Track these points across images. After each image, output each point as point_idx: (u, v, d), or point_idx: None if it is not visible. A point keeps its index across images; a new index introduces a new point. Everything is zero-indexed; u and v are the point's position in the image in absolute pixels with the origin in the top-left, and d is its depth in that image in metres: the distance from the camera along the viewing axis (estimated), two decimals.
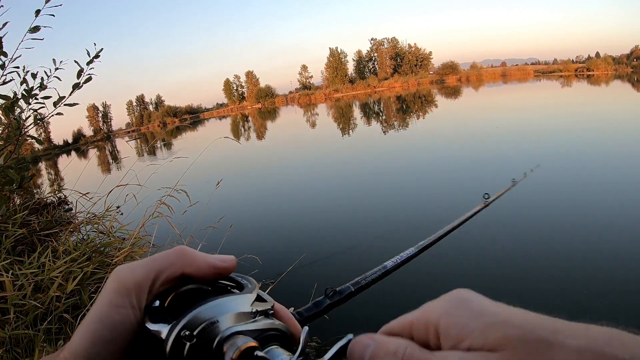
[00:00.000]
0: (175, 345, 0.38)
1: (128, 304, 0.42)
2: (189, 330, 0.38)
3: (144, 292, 0.43)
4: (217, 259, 0.48)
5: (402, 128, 21.02)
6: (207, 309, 0.40)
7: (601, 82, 45.71)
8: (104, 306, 0.42)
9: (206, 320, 0.39)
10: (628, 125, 13.63)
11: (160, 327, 0.40)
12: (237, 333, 0.40)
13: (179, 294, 0.44)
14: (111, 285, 0.43)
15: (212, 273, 0.47)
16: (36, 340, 2.48)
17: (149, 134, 65.17)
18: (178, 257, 0.46)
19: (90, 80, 4.18)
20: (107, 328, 0.41)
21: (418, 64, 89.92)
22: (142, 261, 0.45)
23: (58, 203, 5.24)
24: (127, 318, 0.41)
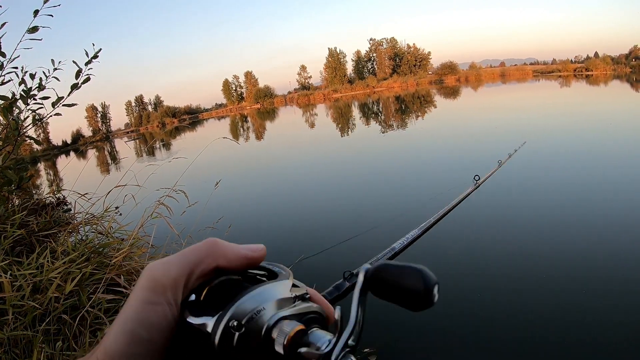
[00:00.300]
0: (224, 336, 0.38)
1: (164, 301, 0.41)
2: (236, 320, 0.38)
3: (179, 288, 0.42)
4: (248, 250, 0.48)
5: (400, 127, 21.02)
6: (250, 298, 0.40)
7: (600, 82, 45.75)
8: (140, 304, 0.41)
9: (252, 309, 0.40)
10: (625, 124, 13.63)
11: (204, 319, 0.40)
12: (283, 318, 0.41)
13: (213, 287, 0.44)
14: (145, 282, 0.42)
15: (244, 264, 0.47)
16: (35, 341, 2.47)
17: (148, 134, 65.22)
18: (210, 250, 0.45)
19: (89, 81, 4.18)
20: (144, 326, 0.40)
21: (417, 64, 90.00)
22: (175, 257, 0.44)
23: (57, 204, 5.24)
24: (164, 315, 0.41)
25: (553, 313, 3.65)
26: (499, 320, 3.70)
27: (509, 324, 3.62)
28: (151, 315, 0.40)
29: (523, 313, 3.73)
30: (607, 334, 3.31)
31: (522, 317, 3.68)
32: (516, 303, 3.91)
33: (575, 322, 3.50)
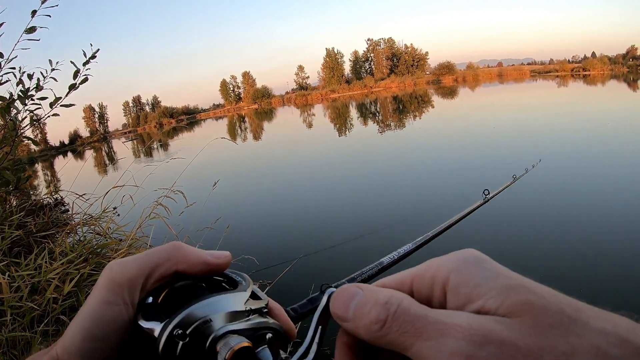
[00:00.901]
0: (168, 344, 0.37)
1: (120, 301, 0.41)
2: (181, 329, 0.38)
3: (137, 288, 0.42)
4: (211, 255, 0.47)
5: (399, 128, 21.02)
6: (200, 307, 0.40)
7: (597, 81, 45.82)
8: (96, 303, 0.41)
9: (199, 319, 0.39)
10: (626, 123, 13.65)
11: (153, 324, 0.39)
12: (231, 332, 0.40)
13: (172, 290, 0.44)
14: (103, 282, 0.42)
15: (205, 270, 0.46)
16: (33, 342, 2.47)
17: (146, 134, 65.10)
18: (172, 253, 0.45)
19: (87, 81, 4.18)
20: (99, 325, 0.40)
21: (414, 64, 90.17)
22: (136, 257, 0.44)
23: (54, 204, 5.22)
24: (120, 315, 0.41)
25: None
26: None
27: None
28: (107, 314, 0.40)
29: None
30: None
31: None
32: None
33: None
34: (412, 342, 0.31)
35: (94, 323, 0.40)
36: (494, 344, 0.28)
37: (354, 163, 12.97)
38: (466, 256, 0.35)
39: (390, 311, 0.33)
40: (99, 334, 0.40)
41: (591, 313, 0.29)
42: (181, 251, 0.45)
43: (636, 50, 72.86)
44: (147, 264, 0.43)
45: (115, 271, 0.42)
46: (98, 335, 0.40)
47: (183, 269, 0.45)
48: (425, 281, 0.36)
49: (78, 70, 4.10)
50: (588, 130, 13.23)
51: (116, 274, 0.42)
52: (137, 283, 0.42)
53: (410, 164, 11.93)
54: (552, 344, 0.27)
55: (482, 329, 0.29)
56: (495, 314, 0.30)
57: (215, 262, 0.47)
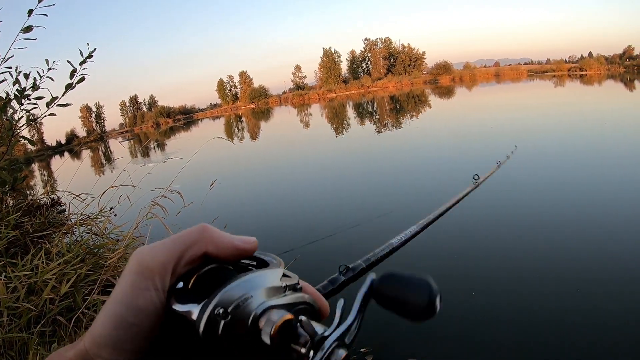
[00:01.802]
0: (209, 324, 0.37)
1: (151, 286, 0.40)
2: (222, 307, 0.37)
3: (167, 273, 0.41)
4: (240, 240, 0.46)
5: (395, 126, 21.05)
6: (237, 285, 0.39)
7: (594, 81, 45.96)
8: (127, 289, 0.40)
9: (239, 297, 0.39)
10: (618, 121, 13.71)
11: (189, 307, 0.39)
12: (271, 307, 0.40)
13: (202, 275, 0.43)
14: (133, 267, 0.41)
15: (234, 254, 0.45)
16: (30, 343, 2.46)
17: (143, 134, 65.09)
18: (201, 236, 0.44)
19: (84, 81, 4.17)
20: (131, 311, 0.39)
21: (411, 64, 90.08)
22: (164, 241, 0.43)
23: (51, 204, 5.22)
24: (151, 301, 0.40)
25: (549, 312, 3.66)
26: (494, 320, 3.71)
27: (504, 324, 3.63)
28: (139, 300, 0.39)
29: (519, 312, 3.74)
30: (604, 334, 3.32)
31: (518, 316, 3.69)
32: (512, 302, 3.93)
33: (571, 322, 3.51)
34: None
35: (126, 309, 0.39)
36: None
37: (351, 162, 12.98)
38: None
39: None
40: (131, 320, 0.39)
41: None
42: (210, 233, 0.45)
43: (633, 50, 73.02)
44: (177, 248, 0.43)
45: (145, 256, 0.41)
46: (131, 322, 0.39)
47: (212, 252, 0.44)
48: None
49: (75, 69, 4.09)
50: (574, 123, 13.37)
51: (146, 259, 0.41)
52: (168, 267, 0.41)
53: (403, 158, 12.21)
54: None
55: None
56: None
57: (243, 246, 0.46)
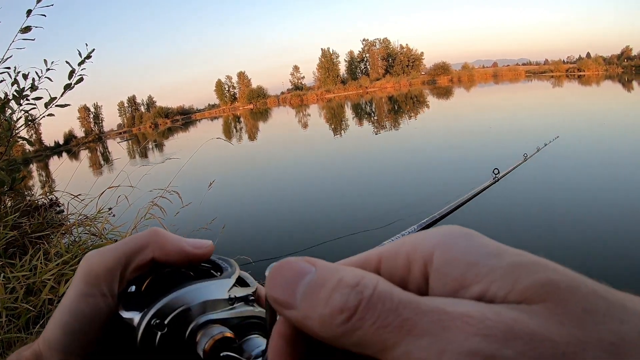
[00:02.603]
0: (146, 334, 0.36)
1: (98, 293, 0.40)
2: (159, 318, 0.37)
3: (115, 278, 0.41)
4: (191, 244, 0.44)
5: (394, 128, 21.02)
6: (180, 295, 0.38)
7: (592, 82, 46.00)
8: (73, 296, 0.40)
9: (178, 308, 0.38)
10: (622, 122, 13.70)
11: (133, 314, 0.38)
12: (212, 322, 0.38)
13: (156, 278, 0.42)
14: (79, 274, 0.41)
15: (183, 259, 0.43)
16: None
17: (141, 135, 65.04)
18: (149, 240, 0.43)
19: (82, 81, 4.17)
20: (77, 319, 0.39)
21: (410, 65, 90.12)
22: (113, 245, 0.42)
23: (49, 205, 5.21)
24: (97, 307, 0.40)
25: None
26: None
27: None
28: (84, 307, 0.39)
29: None
30: None
31: None
32: None
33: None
34: (397, 340, 0.21)
35: (72, 316, 0.39)
36: (521, 339, 0.20)
37: (354, 161, 12.95)
38: (453, 230, 0.26)
39: (364, 295, 0.23)
40: (77, 327, 0.39)
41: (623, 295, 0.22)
42: (159, 238, 0.43)
43: (631, 51, 73.21)
44: (124, 252, 0.42)
45: (91, 261, 0.41)
46: (77, 329, 0.39)
47: (160, 258, 0.43)
48: (399, 261, 0.27)
49: (73, 70, 4.09)
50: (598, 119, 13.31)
51: (93, 264, 0.41)
52: (114, 272, 0.41)
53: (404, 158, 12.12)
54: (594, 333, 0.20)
55: (502, 319, 0.21)
56: (505, 301, 0.22)
57: (194, 252, 0.44)
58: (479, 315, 0.21)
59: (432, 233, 0.27)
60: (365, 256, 0.29)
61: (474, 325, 0.20)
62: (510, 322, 0.20)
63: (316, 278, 0.25)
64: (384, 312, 0.22)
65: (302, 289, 0.25)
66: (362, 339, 0.22)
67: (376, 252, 0.28)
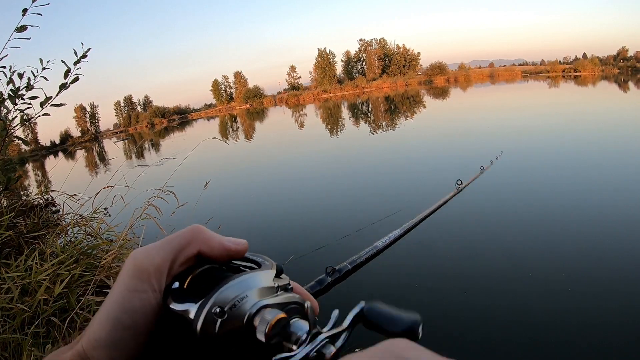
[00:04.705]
0: (207, 323, 0.38)
1: (148, 288, 0.41)
2: (219, 306, 0.38)
3: (163, 274, 0.42)
4: (230, 241, 0.47)
5: (389, 128, 21.05)
6: (233, 285, 0.40)
7: (588, 82, 46.15)
8: (123, 291, 0.41)
9: (235, 296, 0.40)
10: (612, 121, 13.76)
11: (187, 306, 0.40)
12: (265, 307, 0.41)
13: (197, 275, 0.44)
14: (129, 270, 0.42)
15: (225, 255, 0.46)
16: (24, 344, 2.45)
17: (137, 134, 64.95)
18: (194, 236, 0.45)
19: (78, 81, 4.15)
20: (128, 313, 0.40)
21: (406, 65, 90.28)
22: (159, 243, 0.44)
23: (45, 205, 5.20)
24: (148, 302, 0.41)
25: (535, 313, 3.66)
26: (480, 320, 3.71)
27: (490, 323, 3.64)
28: (135, 301, 0.40)
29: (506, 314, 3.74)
30: (591, 334, 3.33)
31: (505, 318, 3.70)
32: (498, 303, 3.93)
33: (558, 323, 3.51)
34: None
35: (123, 311, 0.40)
36: None
37: (341, 164, 12.97)
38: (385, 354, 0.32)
39: None
40: (128, 322, 0.40)
41: None
42: (203, 234, 0.46)
43: (627, 51, 73.40)
44: (171, 249, 0.44)
45: (140, 259, 0.42)
46: (127, 324, 0.40)
47: (205, 251, 0.45)
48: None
49: (69, 69, 4.08)
50: (573, 132, 13.36)
51: (142, 261, 0.42)
52: (163, 268, 0.43)
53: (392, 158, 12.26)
54: None
55: None
56: None
57: (234, 248, 0.47)
58: None
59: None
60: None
61: None
62: None
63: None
64: None
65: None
66: None
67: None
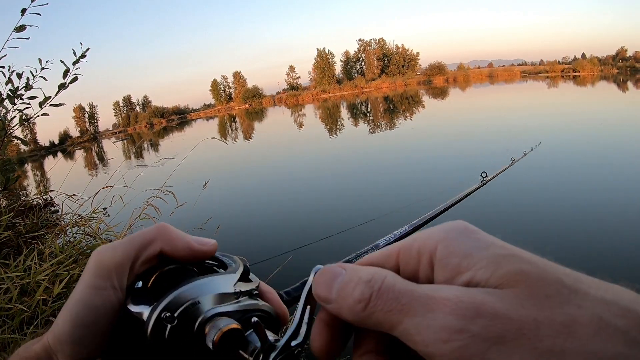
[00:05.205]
0: (156, 327, 0.37)
1: (109, 285, 0.41)
2: (169, 311, 0.37)
3: (125, 271, 0.42)
4: (196, 241, 0.46)
5: (388, 128, 21.03)
6: (188, 289, 0.39)
7: (587, 82, 46.15)
8: (85, 289, 0.41)
9: (187, 302, 0.39)
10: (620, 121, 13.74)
11: (142, 308, 0.39)
12: (219, 314, 0.39)
13: (162, 274, 0.43)
14: (91, 267, 0.42)
15: (190, 255, 0.45)
16: (23, 344, 2.45)
17: (136, 134, 64.87)
18: (158, 234, 0.44)
19: (77, 80, 4.15)
20: (89, 311, 0.40)
21: (405, 65, 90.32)
22: (122, 240, 0.44)
23: (44, 205, 5.20)
24: (109, 300, 0.40)
25: None
26: None
27: None
28: (96, 299, 0.40)
29: None
30: None
31: None
32: None
33: None
34: (399, 320, 0.30)
35: (84, 308, 0.40)
36: (485, 317, 0.27)
37: (345, 159, 12.98)
38: (455, 227, 0.34)
39: (374, 288, 0.32)
40: (88, 319, 0.40)
41: (592, 283, 0.28)
42: (167, 233, 0.45)
43: (626, 52, 73.56)
44: (133, 247, 0.43)
45: (102, 256, 0.42)
46: (87, 321, 0.40)
47: (167, 251, 0.44)
48: (412, 254, 0.35)
49: (68, 69, 4.07)
50: (586, 122, 13.31)
51: (103, 258, 0.42)
52: (124, 266, 0.42)
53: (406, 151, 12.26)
54: (549, 315, 0.26)
55: (473, 301, 0.28)
56: (486, 285, 0.29)
57: (200, 248, 0.46)
58: (455, 298, 0.28)
59: (436, 230, 0.34)
60: (388, 251, 0.38)
61: (450, 307, 0.28)
62: (479, 304, 0.28)
63: (344, 278, 0.35)
64: (388, 300, 0.31)
65: (336, 287, 0.35)
66: (377, 320, 0.31)
67: (396, 248, 0.37)
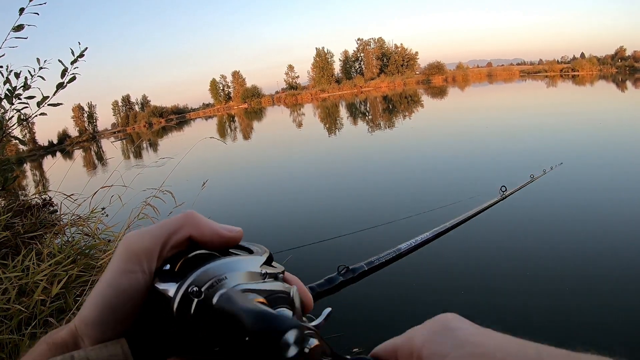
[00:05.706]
0: (183, 302, 0.37)
1: (138, 269, 0.42)
2: (196, 286, 0.38)
3: (153, 257, 0.43)
4: (224, 228, 0.47)
5: (388, 127, 21.04)
6: (215, 266, 0.40)
7: (586, 82, 46.18)
8: (114, 273, 0.42)
9: (214, 277, 0.39)
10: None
11: (168, 285, 0.40)
12: (246, 290, 0.39)
13: (189, 259, 0.44)
14: (120, 252, 0.43)
15: (217, 241, 0.46)
16: (21, 345, 2.44)
17: (135, 134, 64.92)
18: (186, 221, 0.45)
19: (75, 80, 4.14)
20: (117, 293, 0.41)
21: (404, 64, 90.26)
22: (152, 227, 0.45)
23: (42, 205, 5.19)
24: (137, 282, 0.41)
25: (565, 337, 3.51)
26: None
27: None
28: (124, 282, 0.41)
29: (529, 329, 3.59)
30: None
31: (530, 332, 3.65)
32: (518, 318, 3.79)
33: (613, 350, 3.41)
34: None
35: (112, 291, 0.41)
36: None
37: (345, 158, 13.00)
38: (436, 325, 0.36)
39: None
40: (116, 302, 0.40)
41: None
42: (195, 220, 0.46)
43: (625, 51, 73.53)
44: (163, 233, 0.44)
45: (131, 241, 0.43)
46: (116, 304, 0.40)
47: (196, 236, 0.45)
48: (405, 352, 0.37)
49: (66, 68, 4.06)
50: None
51: (132, 243, 0.43)
52: (153, 251, 0.43)
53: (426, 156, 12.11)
54: None
55: None
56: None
57: (227, 234, 0.47)
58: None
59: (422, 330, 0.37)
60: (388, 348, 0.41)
61: None
62: None
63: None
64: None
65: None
66: None
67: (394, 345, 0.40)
